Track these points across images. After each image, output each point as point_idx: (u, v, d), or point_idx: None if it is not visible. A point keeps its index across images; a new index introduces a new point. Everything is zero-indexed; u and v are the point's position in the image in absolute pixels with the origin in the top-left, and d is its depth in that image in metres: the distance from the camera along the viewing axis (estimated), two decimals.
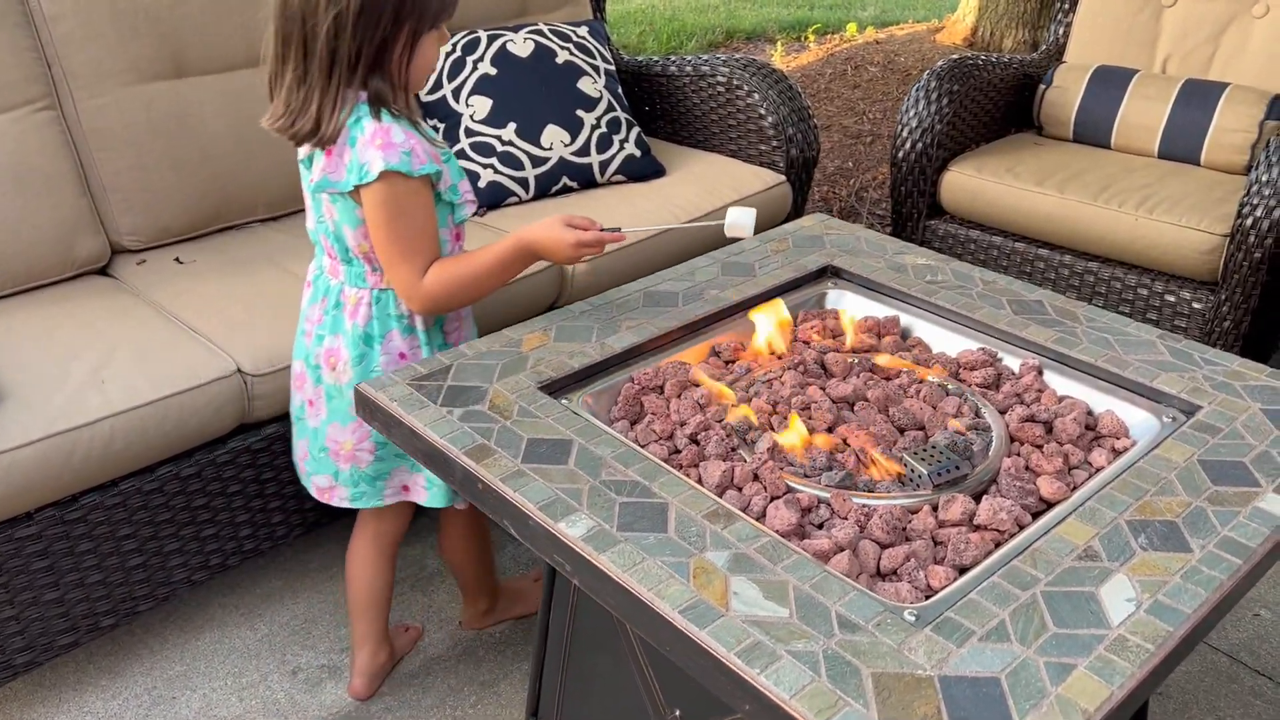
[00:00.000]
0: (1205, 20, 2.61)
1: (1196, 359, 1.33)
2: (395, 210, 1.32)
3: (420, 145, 1.33)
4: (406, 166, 1.30)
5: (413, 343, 1.46)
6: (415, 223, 1.34)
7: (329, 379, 1.48)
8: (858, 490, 1.13)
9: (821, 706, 0.84)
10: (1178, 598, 0.95)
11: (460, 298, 1.40)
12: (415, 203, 1.33)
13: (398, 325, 1.45)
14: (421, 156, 1.32)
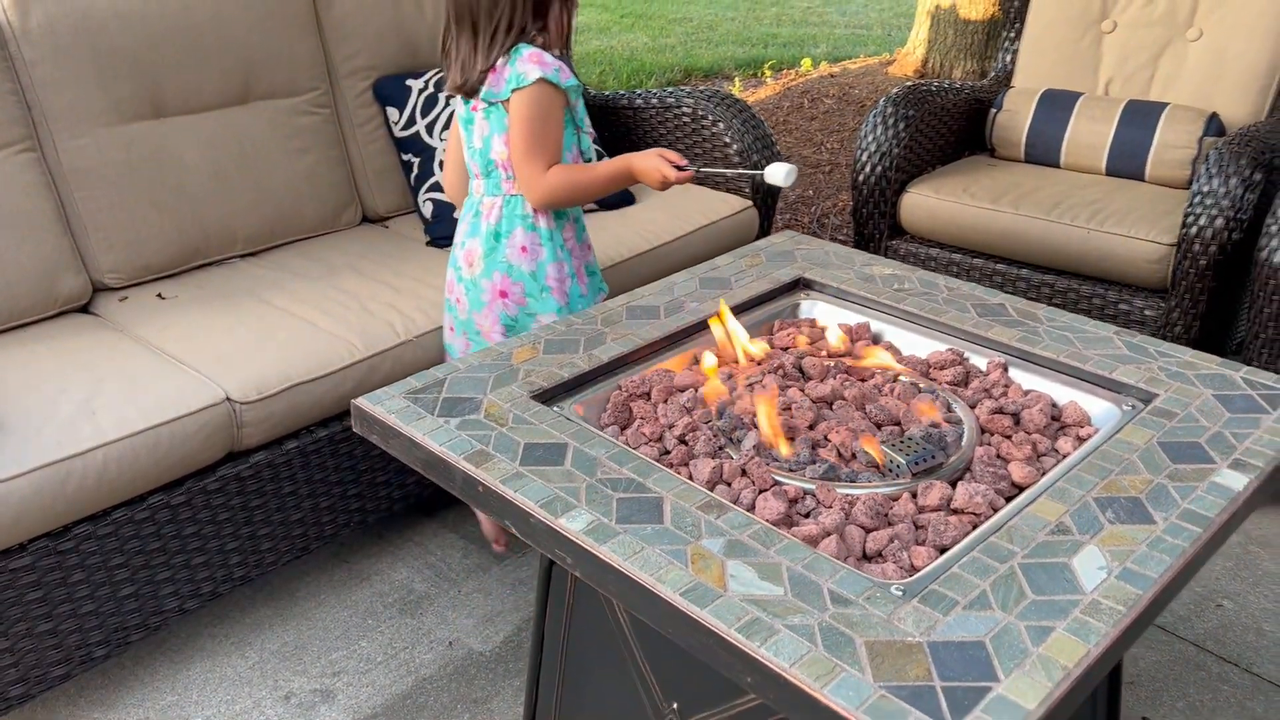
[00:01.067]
0: (1143, 44, 2.74)
1: (1151, 352, 1.41)
2: (539, 111, 1.64)
3: (567, 70, 1.66)
4: (555, 78, 1.63)
5: (534, 239, 1.76)
6: (549, 127, 1.66)
7: (467, 275, 1.81)
8: (841, 481, 1.19)
9: (820, 673, 0.89)
10: (1145, 564, 1.02)
11: (570, 197, 1.70)
12: (554, 110, 1.66)
13: (522, 224, 1.75)
14: (567, 73, 1.65)
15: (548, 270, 1.77)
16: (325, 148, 2.43)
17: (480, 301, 1.80)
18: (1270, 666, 1.89)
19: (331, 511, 1.98)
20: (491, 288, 1.78)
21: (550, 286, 1.78)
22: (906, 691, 0.88)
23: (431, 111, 2.45)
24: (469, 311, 1.82)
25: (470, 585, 2.10)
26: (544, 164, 1.67)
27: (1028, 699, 0.87)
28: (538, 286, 1.78)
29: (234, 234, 2.29)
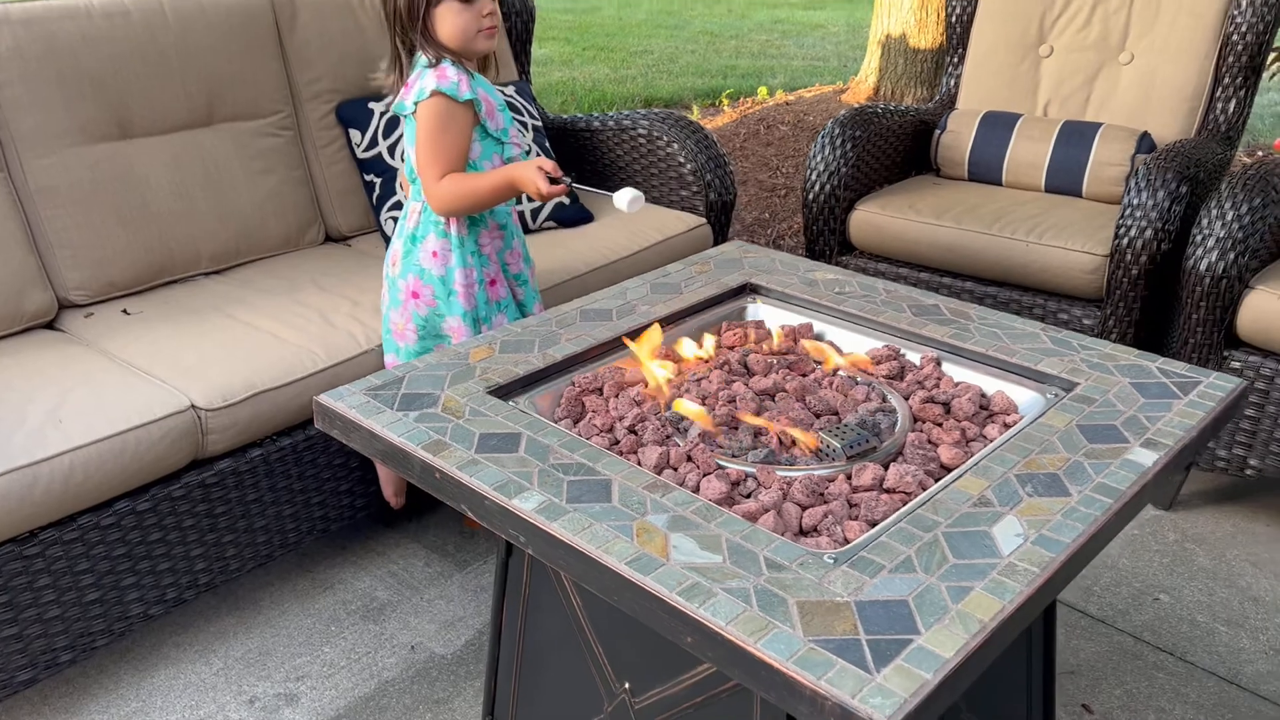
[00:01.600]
0: (1079, 68, 2.86)
1: (1075, 345, 1.50)
2: (436, 123, 1.75)
3: (467, 82, 1.76)
4: (453, 91, 1.73)
5: (445, 245, 1.86)
6: (448, 137, 1.76)
7: (390, 273, 1.92)
8: (780, 465, 1.26)
9: (753, 630, 0.96)
10: (1059, 531, 1.09)
11: (462, 204, 1.79)
12: (453, 122, 1.76)
13: (434, 229, 1.85)
14: (465, 89, 1.74)
15: (455, 275, 1.87)
16: (288, 168, 2.49)
17: (397, 300, 1.92)
18: (1204, 655, 1.97)
19: (295, 519, 2.02)
20: (406, 288, 1.90)
21: (457, 291, 1.88)
22: (834, 644, 0.94)
23: (393, 133, 2.51)
24: (387, 308, 1.95)
25: (432, 592, 2.15)
26: (438, 172, 1.77)
27: (945, 649, 0.94)
28: (446, 290, 1.88)
29: (199, 252, 2.33)
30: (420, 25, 1.76)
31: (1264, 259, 2.24)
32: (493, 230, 1.91)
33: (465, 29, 1.76)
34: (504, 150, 1.86)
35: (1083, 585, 2.15)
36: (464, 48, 1.79)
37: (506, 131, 1.86)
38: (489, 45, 1.82)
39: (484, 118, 1.81)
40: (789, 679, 0.91)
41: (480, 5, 1.77)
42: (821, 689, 0.89)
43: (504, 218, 1.93)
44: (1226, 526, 2.35)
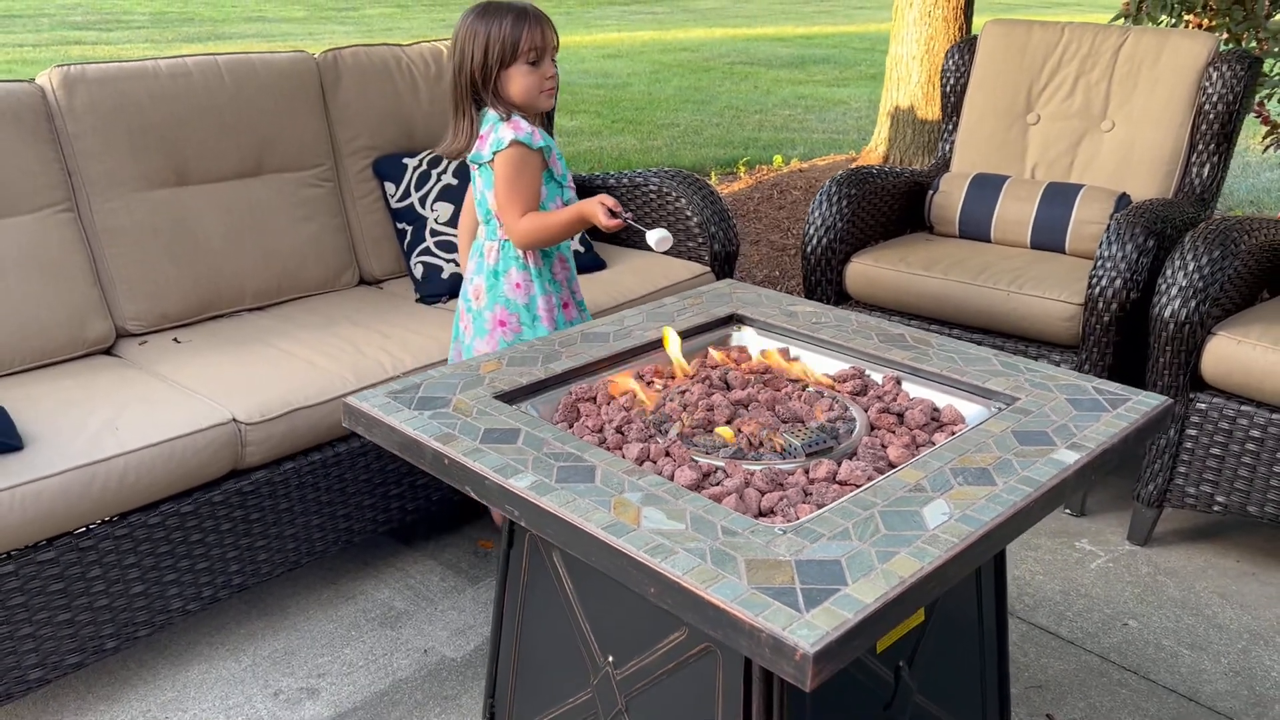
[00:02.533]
0: (1064, 134, 3.06)
1: (1021, 367, 1.67)
2: (515, 169, 1.99)
3: (539, 133, 2.00)
4: (528, 140, 1.98)
5: (525, 277, 2.09)
6: (524, 180, 2.00)
7: (475, 306, 2.13)
8: (747, 460, 1.43)
9: (705, 579, 1.12)
10: (981, 512, 1.26)
11: (541, 238, 2.01)
12: (528, 167, 1.99)
13: (515, 264, 2.08)
14: (538, 138, 1.99)
15: (538, 302, 2.10)
16: (328, 216, 2.72)
17: (484, 330, 2.12)
18: (1166, 675, 2.09)
19: (322, 529, 2.21)
20: (493, 318, 2.11)
21: (540, 316, 2.11)
22: (772, 591, 1.11)
23: (425, 186, 2.75)
24: (472, 338, 2.13)
25: (446, 604, 2.31)
26: (518, 212, 2.00)
27: (867, 596, 1.10)
28: (530, 316, 2.10)
29: (244, 289, 2.56)
30: (492, 85, 2.01)
31: (1227, 308, 2.40)
32: (562, 261, 2.16)
33: (530, 88, 2.01)
34: (564, 193, 2.10)
35: (1055, 610, 2.28)
36: (528, 104, 2.03)
37: (566, 176, 2.10)
38: (549, 103, 2.07)
39: (550, 164, 2.06)
40: (732, 616, 1.08)
41: (545, 69, 2.02)
42: (758, 623, 1.06)
43: (567, 250, 2.18)
44: (1198, 561, 2.47)
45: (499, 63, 1.99)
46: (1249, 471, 2.32)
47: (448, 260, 2.65)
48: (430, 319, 2.49)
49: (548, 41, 2.02)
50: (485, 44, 1.98)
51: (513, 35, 1.98)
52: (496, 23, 1.99)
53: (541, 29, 2.01)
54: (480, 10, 2.02)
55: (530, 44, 1.99)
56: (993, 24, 3.25)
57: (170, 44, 11.74)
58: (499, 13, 2.00)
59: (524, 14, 2.00)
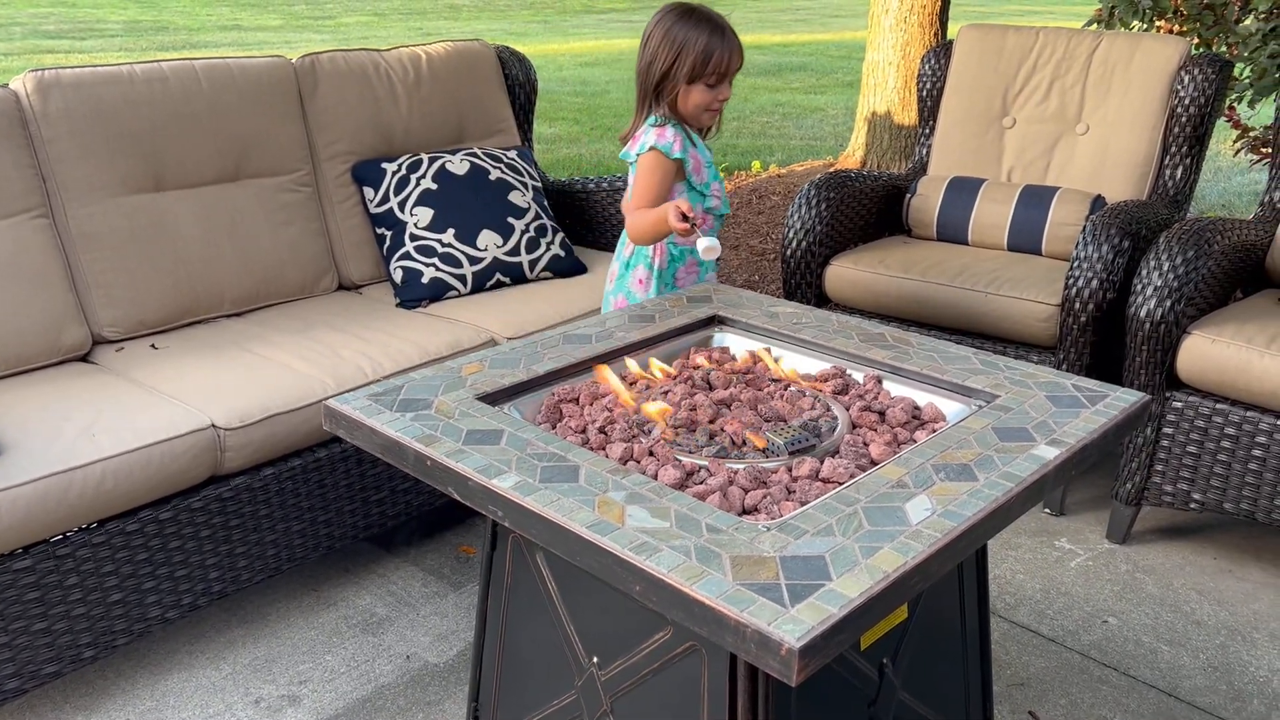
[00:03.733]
0: (1040, 138, 3.09)
1: (1000, 365, 1.68)
2: (648, 172, 2.08)
3: (680, 144, 2.07)
4: (666, 149, 2.07)
5: (648, 275, 2.20)
6: (651, 184, 2.08)
7: (607, 288, 2.30)
8: (730, 459, 1.43)
9: (690, 576, 1.12)
10: (963, 507, 1.26)
11: (640, 234, 2.09)
12: (659, 173, 2.08)
13: (644, 261, 2.20)
14: (677, 149, 2.07)
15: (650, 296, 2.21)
16: (307, 221, 2.71)
17: (608, 308, 2.30)
18: (1146, 671, 2.11)
19: (302, 535, 2.19)
20: (615, 304, 2.27)
21: None
22: (757, 587, 1.11)
23: (404, 190, 2.74)
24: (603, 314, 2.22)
25: (428, 609, 2.30)
26: (635, 209, 2.10)
27: (851, 591, 1.10)
28: None
29: (222, 295, 2.54)
30: (668, 91, 2.07)
31: (1201, 308, 2.43)
32: (690, 266, 2.23)
33: (699, 106, 2.09)
34: (705, 201, 2.15)
35: (1036, 608, 2.30)
36: (693, 119, 2.12)
37: (709, 185, 2.15)
38: (711, 120, 2.16)
39: (690, 173, 2.12)
40: (717, 613, 1.08)
41: (721, 91, 2.09)
42: (744, 619, 1.06)
43: (705, 262, 2.24)
44: (1176, 559, 2.49)
45: (685, 76, 2.05)
46: (1224, 469, 2.35)
47: (427, 264, 2.65)
48: (410, 323, 2.48)
49: (733, 66, 2.07)
50: (678, 53, 2.04)
51: (705, 53, 2.03)
52: (695, 35, 2.03)
53: (732, 53, 2.05)
54: (681, 14, 2.05)
55: (718, 66, 2.04)
56: (968, 29, 3.28)
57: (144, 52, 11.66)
58: (698, 24, 2.04)
59: (720, 32, 2.05)
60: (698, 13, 2.06)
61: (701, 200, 2.15)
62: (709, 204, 2.17)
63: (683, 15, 2.06)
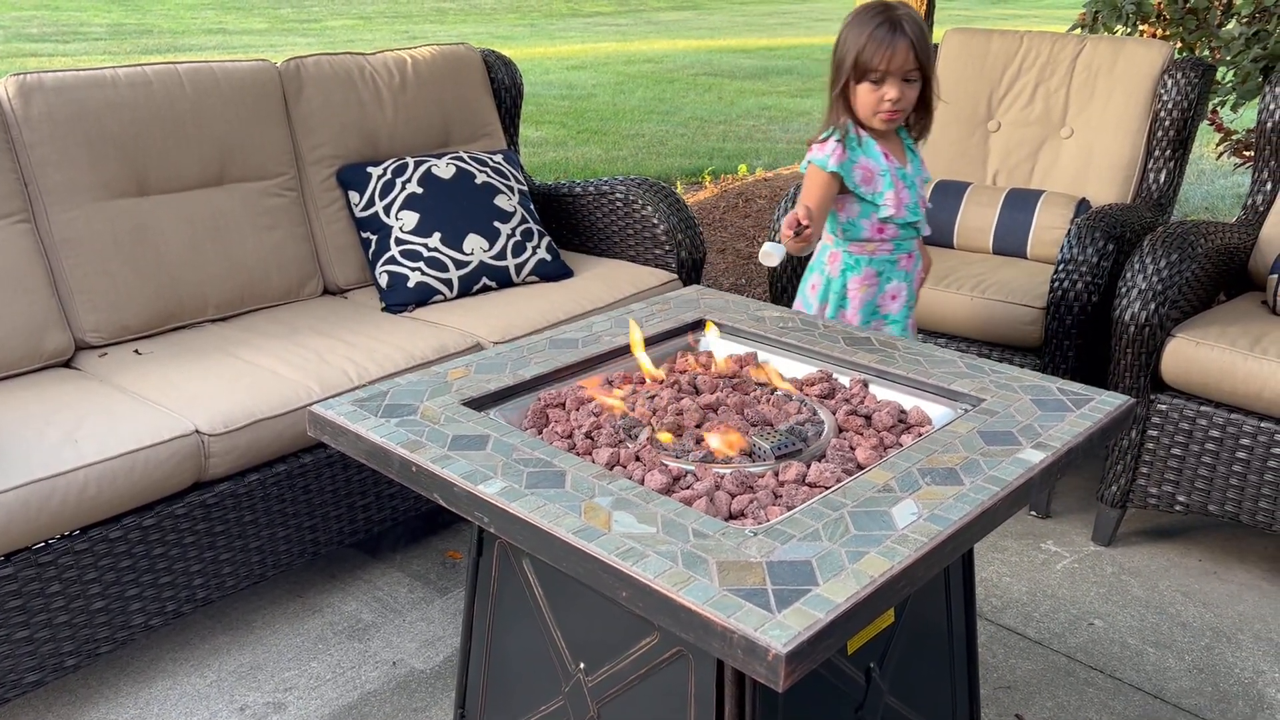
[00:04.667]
0: (1024, 141, 3.10)
1: (986, 369, 1.68)
2: (806, 181, 2.11)
3: (839, 157, 2.06)
4: (822, 164, 2.06)
5: (819, 282, 2.22)
6: (807, 194, 2.07)
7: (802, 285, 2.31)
8: (716, 463, 1.43)
9: (677, 581, 1.12)
10: (949, 511, 1.26)
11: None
12: (816, 185, 2.07)
13: (819, 268, 2.23)
14: (834, 162, 2.05)
15: (813, 307, 2.24)
16: (291, 226, 2.70)
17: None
18: (1132, 673, 2.11)
19: (288, 541, 2.18)
20: (796, 306, 2.30)
21: (832, 317, 2.20)
22: (744, 592, 1.11)
23: (389, 195, 2.73)
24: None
25: (414, 615, 2.29)
26: None
27: (838, 595, 1.10)
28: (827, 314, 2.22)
29: (206, 300, 2.53)
30: (842, 94, 2.08)
31: (1186, 310, 2.44)
32: (866, 277, 2.17)
33: (868, 107, 2.06)
34: (879, 211, 2.11)
35: (1023, 611, 2.30)
36: (866, 121, 2.09)
37: (881, 195, 2.10)
38: (884, 126, 2.09)
39: (857, 184, 2.09)
40: (703, 618, 1.08)
41: (885, 90, 2.03)
42: (730, 625, 1.06)
43: (881, 265, 2.18)
44: (1161, 561, 2.50)
45: (850, 75, 2.04)
46: (1209, 471, 2.36)
47: (413, 269, 2.64)
48: (395, 328, 2.47)
49: (898, 64, 2.00)
50: (844, 52, 2.04)
51: (866, 51, 2.00)
52: (860, 31, 2.01)
53: (894, 50, 1.99)
54: (860, 11, 2.04)
55: (879, 64, 2.00)
56: (953, 33, 3.29)
57: (128, 56, 11.60)
58: (870, 21, 2.01)
59: (890, 29, 1.99)
60: (875, 8, 2.03)
61: (875, 209, 2.11)
62: (884, 213, 2.11)
63: (860, 12, 2.03)
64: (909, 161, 2.19)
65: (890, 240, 2.16)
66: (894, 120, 2.08)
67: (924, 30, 2.04)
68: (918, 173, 2.21)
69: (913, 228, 2.18)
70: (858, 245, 2.16)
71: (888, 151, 2.12)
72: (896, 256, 2.18)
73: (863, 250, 2.16)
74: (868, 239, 2.14)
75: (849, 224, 2.14)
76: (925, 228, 2.23)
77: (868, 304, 2.18)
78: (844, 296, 2.19)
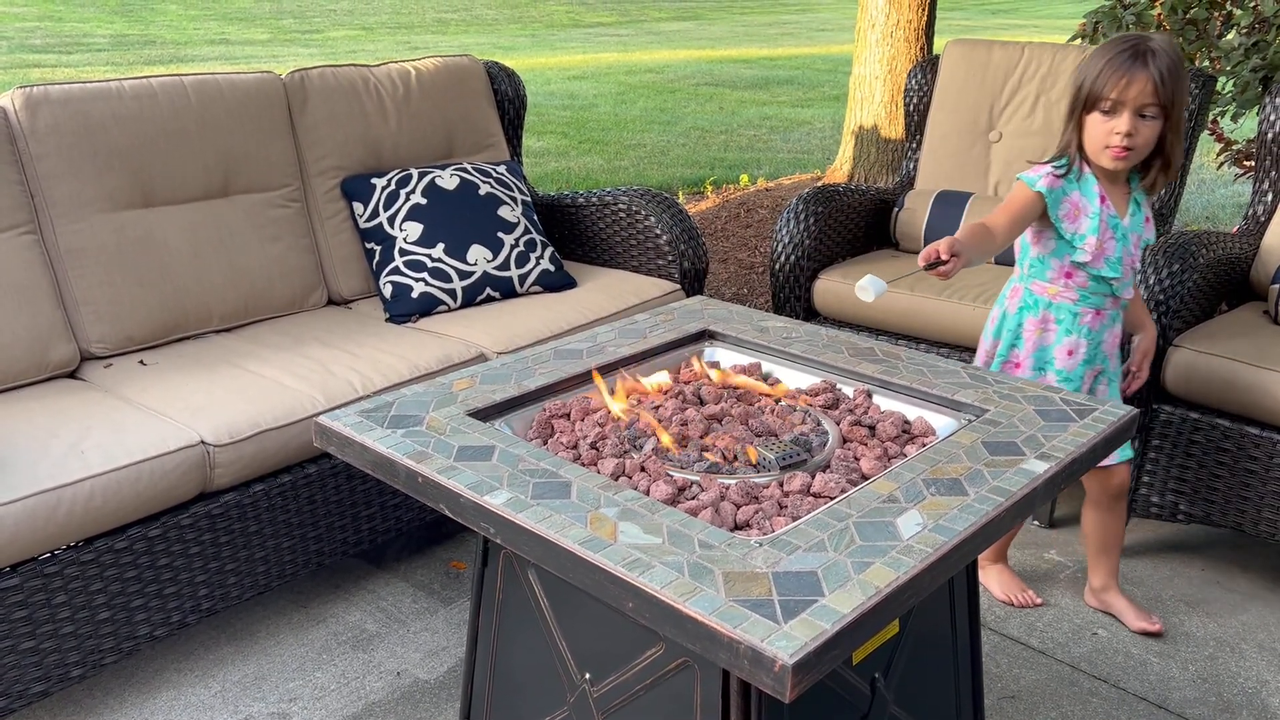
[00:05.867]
0: (1025, 151, 3.11)
1: (989, 379, 1.69)
2: (1008, 196, 1.99)
3: (1049, 180, 1.95)
4: (1029, 180, 1.96)
5: (997, 315, 2.14)
6: (1003, 206, 1.96)
7: None
8: (721, 474, 1.43)
9: (683, 592, 1.13)
10: (954, 521, 1.27)
11: None
12: (1014, 200, 1.96)
13: (1001, 300, 2.16)
14: (1043, 183, 1.95)
15: (987, 341, 2.15)
16: (296, 237, 2.71)
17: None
18: (1136, 683, 2.11)
19: (292, 552, 2.18)
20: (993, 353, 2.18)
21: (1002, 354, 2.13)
22: (750, 603, 1.11)
23: (393, 206, 2.74)
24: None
25: (418, 625, 2.29)
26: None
27: (844, 606, 1.11)
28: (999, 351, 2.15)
29: (211, 311, 2.54)
30: (1076, 123, 1.96)
31: (1188, 320, 2.44)
32: (1041, 321, 2.05)
33: (1096, 139, 1.93)
34: (1074, 254, 1.98)
35: (1026, 621, 2.30)
36: (1094, 156, 1.95)
37: (1082, 238, 1.95)
38: (1111, 164, 1.93)
39: (1060, 218, 1.96)
40: (710, 629, 1.08)
41: (1116, 123, 1.89)
42: (737, 635, 1.06)
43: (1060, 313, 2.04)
44: (1164, 570, 2.50)
45: (1082, 104, 1.93)
46: (1212, 481, 2.36)
47: (416, 279, 2.65)
48: (400, 339, 2.48)
49: (1133, 95, 1.87)
50: (1081, 78, 1.93)
51: (1100, 77, 1.89)
52: (1103, 57, 1.90)
53: (1130, 79, 1.86)
54: (1115, 37, 1.93)
55: (1111, 92, 1.88)
56: (954, 44, 3.30)
57: (131, 66, 11.64)
58: (1115, 46, 1.90)
59: (1132, 57, 1.87)
60: (1128, 36, 1.91)
61: (1071, 252, 1.98)
62: (1077, 257, 1.97)
63: (1113, 39, 1.93)
64: (1130, 215, 2.01)
65: (1076, 289, 2.01)
66: (1123, 159, 1.92)
67: (1177, 67, 1.88)
68: (1136, 230, 2.02)
69: (1107, 284, 2.00)
70: (1040, 285, 2.03)
71: (1107, 195, 1.97)
72: (1080, 310, 2.02)
73: (1044, 292, 2.03)
74: (1052, 280, 2.01)
75: (1038, 260, 2.02)
76: (1127, 291, 2.04)
77: (1041, 349, 2.05)
78: (1018, 335, 2.07)
